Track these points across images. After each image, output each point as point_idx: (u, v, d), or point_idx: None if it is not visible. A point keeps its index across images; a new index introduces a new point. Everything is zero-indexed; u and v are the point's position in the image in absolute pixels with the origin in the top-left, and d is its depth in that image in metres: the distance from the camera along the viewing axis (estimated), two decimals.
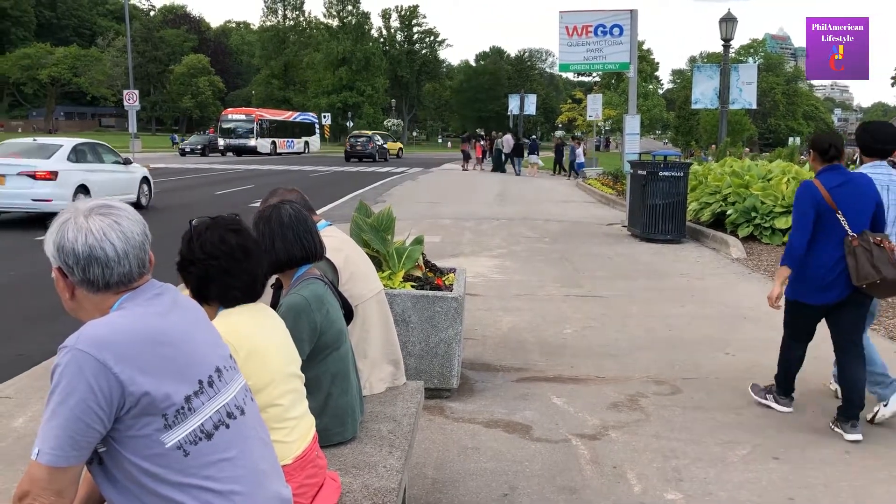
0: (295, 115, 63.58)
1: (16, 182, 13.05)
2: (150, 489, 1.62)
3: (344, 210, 15.55)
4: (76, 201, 1.78)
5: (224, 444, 1.71)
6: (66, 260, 1.70)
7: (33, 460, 1.55)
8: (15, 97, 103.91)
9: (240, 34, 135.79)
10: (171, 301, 1.77)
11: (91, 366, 1.55)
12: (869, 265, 4.21)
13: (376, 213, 5.12)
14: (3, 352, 6.13)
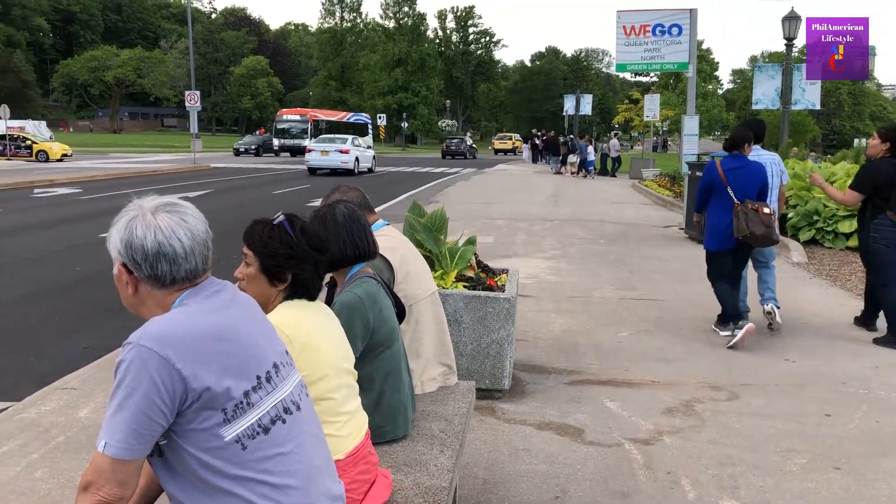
0: (348, 115, 63.39)
1: (334, 155, 30.46)
2: (209, 481, 1.66)
3: (398, 210, 15.66)
4: (141, 199, 1.79)
5: (280, 438, 1.75)
6: (135, 256, 1.73)
7: (99, 452, 1.60)
8: (83, 98, 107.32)
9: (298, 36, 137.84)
10: (229, 298, 1.81)
11: (155, 362, 1.59)
12: (744, 224, 6.06)
13: (429, 213, 5.14)
14: (70, 345, 6.34)
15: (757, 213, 6.09)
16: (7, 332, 6.75)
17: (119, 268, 1.77)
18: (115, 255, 1.77)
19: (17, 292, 8.31)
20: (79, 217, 15.42)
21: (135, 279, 1.77)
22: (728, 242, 6.28)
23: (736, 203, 6.16)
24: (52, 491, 3.53)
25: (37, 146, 38.73)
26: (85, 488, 1.62)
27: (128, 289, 1.78)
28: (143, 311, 1.80)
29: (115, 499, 1.61)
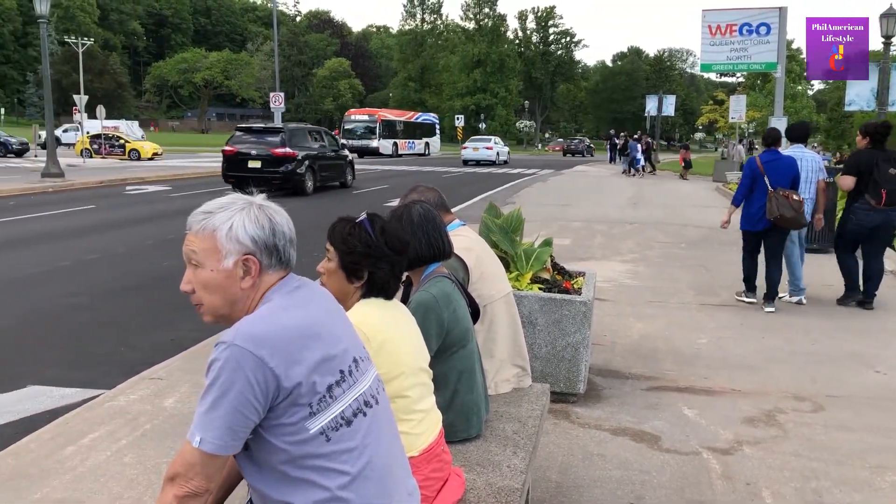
0: (416, 115, 63.13)
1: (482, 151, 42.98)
2: (291, 473, 1.70)
3: (474, 211, 15.68)
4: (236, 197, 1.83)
5: (362, 431, 1.78)
6: (267, 242, 1.77)
7: (193, 446, 1.64)
8: (172, 99, 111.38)
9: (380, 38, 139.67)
10: (310, 294, 1.85)
11: (250, 361, 1.63)
12: (775, 207, 7.18)
13: (505, 213, 5.13)
14: (158, 337, 6.60)
15: (787, 199, 7.20)
16: (101, 322, 7.07)
17: (236, 261, 1.76)
18: (236, 249, 1.75)
19: (111, 285, 8.69)
20: (168, 213, 16.01)
21: (259, 269, 1.78)
22: (759, 225, 7.43)
23: (770, 190, 7.28)
24: (138, 476, 3.67)
25: (129, 145, 40.42)
26: (172, 479, 1.68)
27: (243, 282, 1.77)
28: (235, 310, 1.80)
29: (202, 491, 1.67)
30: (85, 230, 13.20)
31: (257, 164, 20.47)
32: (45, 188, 21.28)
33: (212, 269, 1.76)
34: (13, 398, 5.01)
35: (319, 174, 21.89)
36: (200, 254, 1.76)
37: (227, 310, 1.81)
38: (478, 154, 43.64)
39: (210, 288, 1.78)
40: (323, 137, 23.40)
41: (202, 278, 1.78)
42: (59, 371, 5.59)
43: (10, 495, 3.45)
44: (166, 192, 21.38)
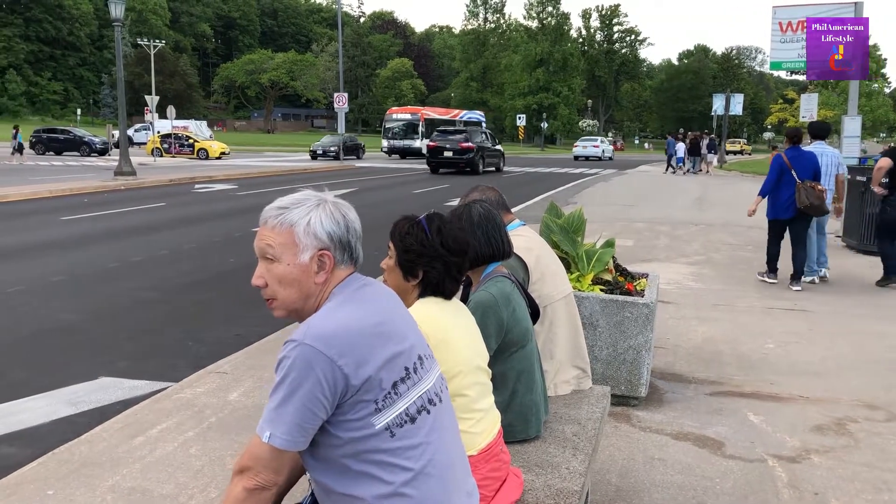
0: (462, 113, 60.58)
1: (590, 149, 53.19)
2: (354, 467, 1.73)
3: (535, 211, 15.60)
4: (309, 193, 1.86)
5: (426, 428, 1.80)
6: (341, 238, 1.81)
7: (263, 441, 1.68)
8: (240, 99, 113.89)
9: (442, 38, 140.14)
10: (376, 292, 1.87)
11: (320, 361, 1.65)
12: (804, 197, 8.07)
13: (567, 214, 5.09)
14: (223, 332, 6.76)
15: (813, 189, 8.13)
16: (170, 317, 7.28)
17: (312, 256, 1.78)
18: (313, 244, 1.78)
19: (180, 281, 8.94)
20: (235, 211, 16.38)
21: (332, 264, 1.81)
22: (786, 213, 8.32)
23: (798, 182, 8.17)
24: (204, 467, 3.77)
25: (198, 144, 41.53)
26: (241, 471, 1.72)
27: (317, 277, 1.79)
28: (307, 305, 1.82)
29: (270, 484, 1.71)
30: (155, 227, 13.61)
31: (449, 154, 31.71)
32: (117, 186, 22.01)
33: (288, 263, 1.78)
34: (87, 388, 5.20)
35: (486, 160, 33.26)
36: (277, 248, 1.78)
37: (301, 304, 1.82)
38: (587, 151, 53.44)
39: (286, 282, 1.79)
40: (487, 136, 35.46)
41: (278, 273, 1.79)
42: (129, 363, 5.78)
43: (84, 482, 3.58)
44: (233, 191, 21.88)
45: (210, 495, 3.46)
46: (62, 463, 3.78)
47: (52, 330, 6.71)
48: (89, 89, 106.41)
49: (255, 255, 1.83)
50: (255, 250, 1.82)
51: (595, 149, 53.47)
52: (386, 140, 50.18)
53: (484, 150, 33.19)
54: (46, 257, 10.34)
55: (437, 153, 32.08)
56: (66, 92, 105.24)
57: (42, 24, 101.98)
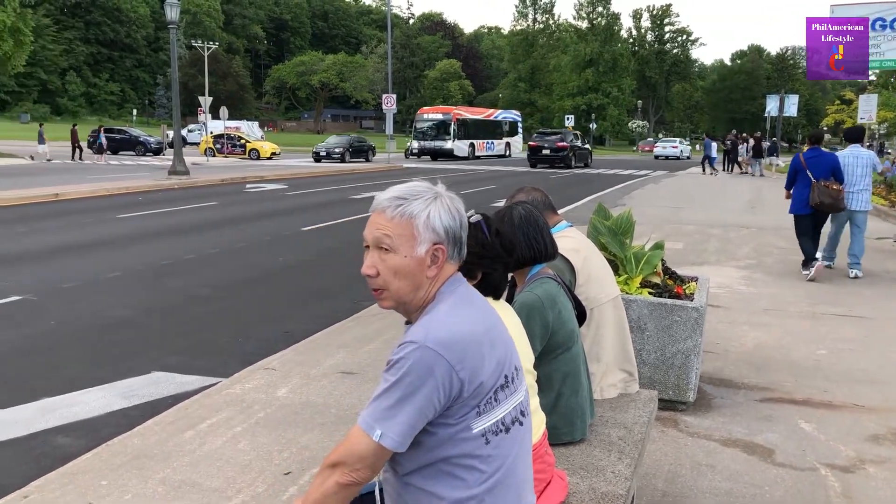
0: (496, 113, 57.98)
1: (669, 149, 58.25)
2: (443, 467, 1.73)
3: (582, 212, 15.48)
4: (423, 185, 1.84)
5: (517, 440, 1.80)
6: (455, 234, 1.81)
7: (373, 440, 1.67)
8: (290, 101, 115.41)
9: (491, 39, 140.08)
10: (476, 294, 1.87)
11: (441, 366, 1.65)
12: (816, 195, 8.82)
13: (615, 215, 5.04)
14: (272, 329, 6.86)
15: (828, 188, 8.78)
16: (221, 314, 7.42)
17: (428, 249, 1.77)
18: (430, 237, 1.77)
19: (231, 278, 9.10)
20: (284, 211, 16.60)
21: (444, 258, 1.80)
22: (805, 209, 9.05)
23: (812, 181, 8.90)
24: (251, 462, 3.83)
25: (250, 145, 42.21)
26: (334, 465, 1.72)
27: (429, 270, 1.78)
28: (417, 298, 1.80)
29: (364, 481, 1.72)
30: (207, 225, 13.87)
31: (547, 152, 39.08)
32: (171, 185, 22.49)
33: (405, 255, 1.75)
34: (140, 383, 5.33)
35: (576, 157, 39.96)
36: (395, 239, 1.75)
37: (411, 297, 1.79)
38: (666, 151, 58.33)
39: (400, 274, 1.76)
40: (577, 137, 42.49)
41: (393, 263, 1.76)
42: (181, 359, 5.90)
43: (136, 473, 3.67)
44: (283, 191, 22.17)
45: (257, 490, 3.52)
46: (116, 454, 3.88)
47: (107, 325, 6.89)
48: (145, 90, 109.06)
49: (365, 242, 1.80)
50: (365, 238, 1.80)
51: (674, 149, 58.29)
52: (416, 141, 48.14)
53: (575, 149, 40.09)
54: (102, 254, 10.62)
55: (537, 151, 39.36)
56: (123, 93, 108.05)
57: (101, 26, 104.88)
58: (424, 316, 1.76)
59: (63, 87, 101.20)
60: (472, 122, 51.03)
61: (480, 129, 51.92)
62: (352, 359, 5.52)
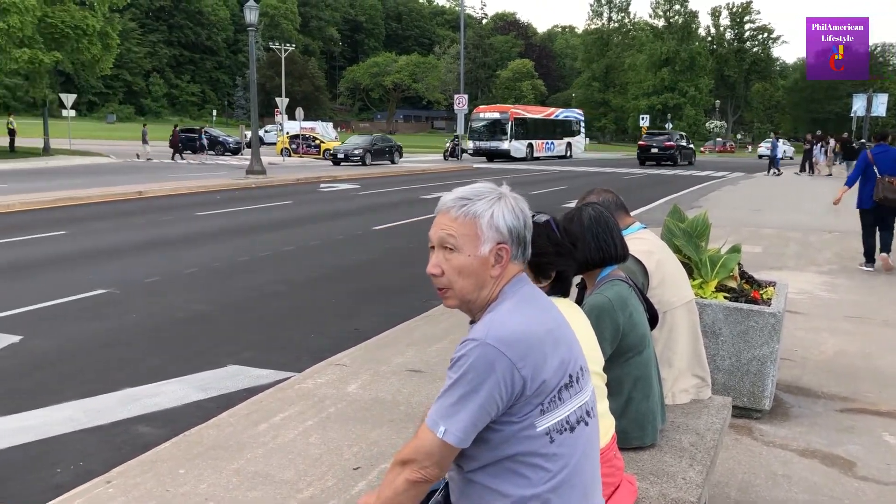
0: (557, 112, 55.19)
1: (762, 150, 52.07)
2: (507, 465, 1.74)
3: (656, 214, 15.20)
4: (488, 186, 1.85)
5: (582, 440, 1.79)
6: (520, 234, 1.82)
7: (438, 437, 1.70)
8: (364, 101, 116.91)
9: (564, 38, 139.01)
10: (541, 294, 1.87)
11: (503, 363, 1.67)
12: (880, 190, 9.18)
13: (690, 217, 4.94)
14: (342, 326, 6.97)
15: (891, 184, 9.11)
16: (295, 310, 7.57)
17: (492, 249, 1.78)
18: (494, 237, 1.78)
19: (304, 275, 9.28)
20: (356, 210, 16.83)
21: (508, 258, 1.80)
22: (868, 203, 9.42)
23: (878, 176, 9.25)
24: (322, 456, 3.90)
25: (324, 145, 42.93)
26: (404, 463, 1.75)
27: (493, 270, 1.79)
28: (480, 297, 1.81)
29: (434, 478, 1.75)
30: (282, 224, 14.18)
31: (655, 150, 42.42)
32: (248, 184, 23.07)
33: (469, 254, 1.77)
34: (216, 375, 5.49)
35: (682, 155, 43.41)
36: (459, 239, 1.77)
37: (475, 295, 1.81)
38: (762, 151, 56.83)
39: (464, 273, 1.78)
40: (683, 137, 45.73)
41: (457, 263, 1.78)
42: (255, 353, 6.06)
43: (211, 464, 3.79)
44: (355, 190, 22.49)
45: (327, 483, 3.58)
46: (193, 444, 4.01)
47: (186, 319, 7.12)
48: (224, 91, 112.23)
49: (430, 242, 1.83)
50: (430, 238, 1.83)
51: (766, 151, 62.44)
52: (471, 140, 46.18)
53: (681, 148, 43.45)
54: (181, 250, 10.98)
55: (647, 150, 42.85)
56: (203, 94, 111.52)
57: (183, 29, 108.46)
58: (487, 314, 1.78)
59: (147, 88, 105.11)
60: (531, 122, 48.76)
61: (540, 129, 49.68)
62: (420, 357, 5.56)
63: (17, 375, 5.44)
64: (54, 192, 18.15)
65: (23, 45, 29.61)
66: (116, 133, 70.57)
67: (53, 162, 32.41)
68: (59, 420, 4.62)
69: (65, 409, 4.79)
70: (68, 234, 12.40)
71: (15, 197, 16.92)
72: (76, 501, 3.35)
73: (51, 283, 8.50)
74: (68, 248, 10.98)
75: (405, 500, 1.75)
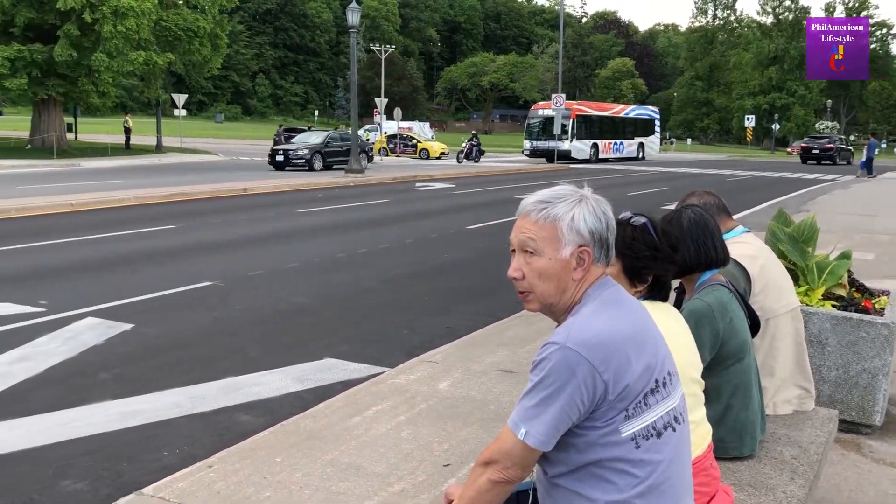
0: (628, 109, 49.94)
1: None
2: (593, 470, 1.73)
3: (760, 217, 14.65)
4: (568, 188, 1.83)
5: (670, 446, 1.76)
6: (601, 236, 1.80)
7: (519, 439, 1.71)
8: (461, 101, 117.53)
9: (667, 37, 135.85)
10: (627, 297, 1.85)
11: (584, 368, 1.66)
12: None
13: (797, 222, 4.74)
14: (435, 323, 7.03)
15: None
16: (389, 306, 7.70)
17: (573, 252, 1.77)
18: (575, 240, 1.76)
19: (399, 272, 9.42)
20: (451, 209, 16.95)
21: (590, 261, 1.79)
22: None
23: None
24: (413, 451, 3.95)
25: (420, 145, 43.45)
26: (487, 464, 1.76)
27: (575, 273, 1.78)
28: (563, 300, 1.80)
29: (516, 480, 1.76)
30: (379, 222, 14.43)
31: (817, 151, 47.13)
32: (347, 183, 23.59)
33: (549, 257, 1.76)
34: (313, 368, 5.64)
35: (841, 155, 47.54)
36: (539, 242, 1.77)
37: (556, 298, 1.80)
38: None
39: (545, 276, 1.78)
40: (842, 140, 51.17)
41: (538, 266, 1.78)
42: (351, 347, 6.19)
43: (307, 453, 3.90)
44: (450, 190, 22.64)
45: (418, 479, 3.62)
46: (290, 434, 4.14)
47: (286, 312, 7.35)
48: (326, 92, 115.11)
49: (511, 246, 1.83)
50: (510, 242, 1.83)
51: None
52: (528, 140, 42.36)
53: (840, 149, 47.85)
54: (283, 245, 11.33)
55: (809, 151, 47.60)
56: (306, 94, 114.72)
57: (288, 32, 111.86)
58: (569, 317, 1.77)
59: (253, 89, 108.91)
60: (597, 120, 43.61)
61: (607, 128, 44.61)
62: (512, 357, 5.55)
63: (128, 361, 5.75)
64: (166, 188, 19.07)
65: (139, 48, 31.18)
66: (224, 132, 73.49)
67: (165, 159, 34.03)
68: (166, 405, 4.86)
69: (171, 395, 5.03)
70: (178, 227, 12.99)
71: (129, 192, 17.85)
72: (180, 483, 3.51)
73: (161, 275, 8.94)
74: (178, 242, 11.51)
75: (488, 500, 1.76)
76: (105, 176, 23.48)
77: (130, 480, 3.82)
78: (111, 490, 3.74)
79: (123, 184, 20.52)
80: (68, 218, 13.97)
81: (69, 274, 8.98)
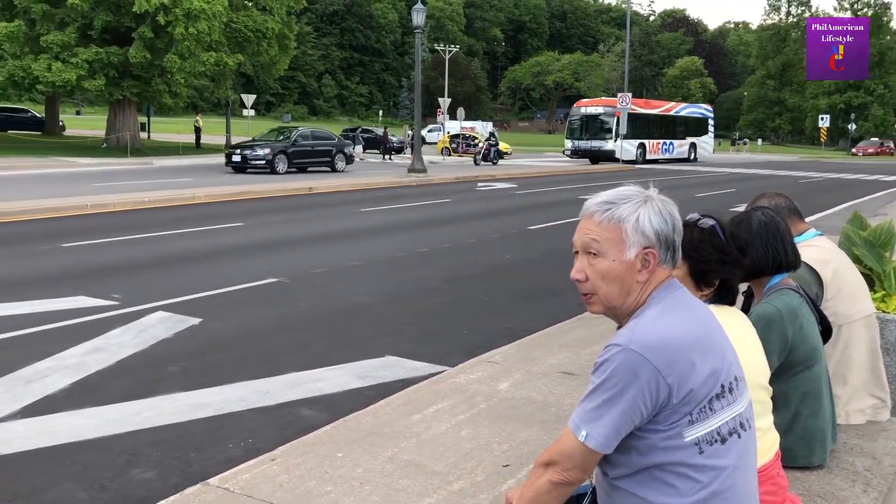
0: (678, 107, 47.02)
1: None
2: (655, 473, 1.71)
3: (834, 221, 14.19)
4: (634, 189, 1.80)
5: (734, 452, 1.73)
6: (667, 238, 1.77)
7: (579, 440, 1.70)
8: (524, 101, 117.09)
9: (737, 35, 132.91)
10: (693, 301, 1.82)
11: (646, 370, 1.64)
12: None
13: (873, 226, 4.57)
14: (496, 324, 7.02)
15: None
16: (450, 305, 7.73)
17: (637, 253, 1.74)
18: (639, 241, 1.74)
19: (460, 272, 9.44)
20: (512, 209, 16.90)
21: (655, 263, 1.76)
22: None
23: None
24: (472, 450, 3.95)
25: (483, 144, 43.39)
26: (548, 465, 1.76)
27: (640, 275, 1.76)
28: (627, 303, 1.78)
29: (576, 481, 1.75)
30: (440, 221, 14.49)
31: None
32: (409, 182, 23.75)
33: (613, 259, 1.75)
34: (374, 364, 5.70)
35: None
36: (603, 243, 1.75)
37: (620, 301, 1.78)
38: None
39: (609, 278, 1.76)
40: None
41: (601, 268, 1.76)
42: (411, 345, 6.23)
43: (367, 449, 3.93)
44: (512, 190, 22.57)
45: (476, 478, 3.62)
46: (351, 430, 4.18)
47: (348, 309, 7.44)
48: (390, 92, 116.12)
49: (574, 247, 1.81)
50: (573, 243, 1.81)
51: None
52: (569, 139, 40.50)
53: None
54: (346, 244, 11.48)
55: None
56: (371, 94, 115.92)
57: (354, 32, 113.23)
58: (633, 319, 1.74)
59: (319, 89, 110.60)
60: (644, 118, 40.95)
61: (655, 127, 42.16)
62: (573, 360, 5.50)
63: (196, 355, 5.91)
64: (234, 187, 19.53)
65: (210, 49, 32.00)
66: None
67: None
68: (232, 398, 4.97)
69: (237, 389, 5.15)
70: (245, 225, 13.29)
71: (199, 190, 18.34)
72: (244, 475, 3.59)
73: (228, 271, 9.15)
74: (244, 239, 11.77)
75: (547, 501, 1.76)
76: (176, 174, 24.17)
77: (197, 471, 3.93)
78: (179, 479, 3.85)
79: (194, 182, 21.09)
80: (141, 214, 14.44)
81: (141, 269, 9.27)
